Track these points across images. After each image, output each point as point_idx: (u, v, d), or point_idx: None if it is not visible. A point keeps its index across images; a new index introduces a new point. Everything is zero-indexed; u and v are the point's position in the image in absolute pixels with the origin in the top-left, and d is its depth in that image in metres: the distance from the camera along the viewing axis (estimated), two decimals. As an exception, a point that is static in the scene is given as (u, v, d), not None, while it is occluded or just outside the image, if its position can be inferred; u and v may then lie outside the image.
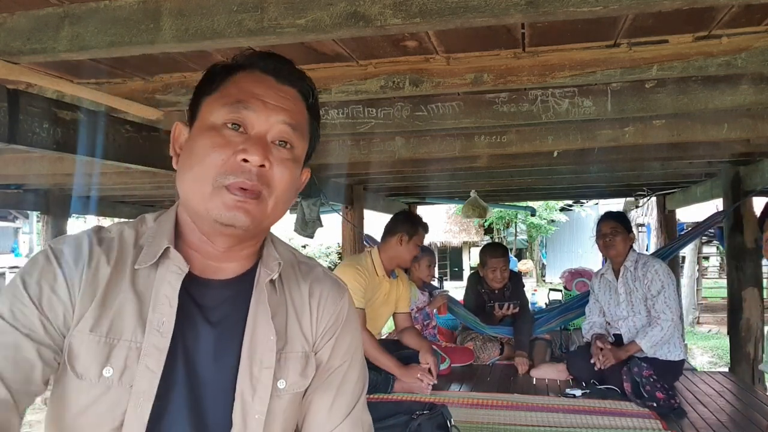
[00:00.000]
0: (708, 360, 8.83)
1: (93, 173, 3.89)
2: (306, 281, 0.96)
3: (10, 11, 1.52)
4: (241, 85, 0.86)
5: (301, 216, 4.35)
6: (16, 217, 17.44)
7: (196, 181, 0.82)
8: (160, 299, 0.83)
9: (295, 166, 0.88)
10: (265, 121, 0.84)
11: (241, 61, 0.89)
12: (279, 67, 0.89)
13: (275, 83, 0.87)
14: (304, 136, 0.90)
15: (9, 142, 1.79)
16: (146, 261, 0.85)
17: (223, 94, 0.86)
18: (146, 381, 0.79)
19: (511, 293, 4.31)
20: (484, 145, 3.05)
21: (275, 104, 0.85)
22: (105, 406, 0.79)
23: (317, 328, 0.95)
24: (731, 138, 2.75)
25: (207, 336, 0.86)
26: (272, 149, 0.84)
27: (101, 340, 0.80)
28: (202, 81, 0.90)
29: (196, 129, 0.86)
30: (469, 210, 5.97)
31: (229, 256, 0.89)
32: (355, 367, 0.98)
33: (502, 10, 1.25)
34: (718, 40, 1.75)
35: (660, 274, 3.27)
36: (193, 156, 0.84)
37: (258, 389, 0.85)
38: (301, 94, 0.90)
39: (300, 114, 0.89)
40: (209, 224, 0.83)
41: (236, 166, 0.81)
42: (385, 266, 3.39)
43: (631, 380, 3.09)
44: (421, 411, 2.38)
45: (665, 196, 6.42)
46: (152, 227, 0.90)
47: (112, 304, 0.82)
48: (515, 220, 18.15)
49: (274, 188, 0.84)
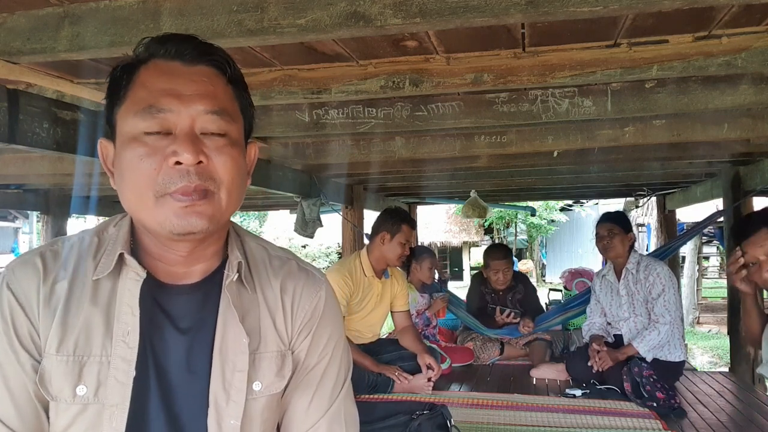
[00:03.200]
0: (708, 360, 8.83)
1: (93, 173, 3.88)
2: (278, 277, 0.91)
3: (10, 11, 1.52)
4: (147, 84, 0.78)
5: (301, 216, 4.36)
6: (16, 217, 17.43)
7: (136, 196, 0.77)
8: (123, 309, 0.80)
9: (235, 149, 0.81)
10: (186, 115, 0.77)
11: (139, 54, 0.81)
12: (181, 47, 0.80)
13: (183, 68, 0.80)
14: (234, 115, 0.82)
15: (9, 142, 1.79)
16: (104, 270, 0.81)
17: (133, 102, 0.78)
18: (117, 394, 0.78)
19: (523, 298, 4.31)
20: (484, 145, 3.05)
21: (191, 93, 0.78)
22: (85, 424, 0.78)
23: (292, 326, 0.91)
24: (731, 138, 2.76)
25: (177, 344, 0.83)
26: (204, 140, 0.78)
27: (69, 359, 0.78)
28: (109, 90, 0.82)
29: (118, 144, 0.80)
30: (469, 210, 5.97)
31: (192, 259, 0.85)
32: (335, 361, 0.94)
33: (502, 10, 1.25)
34: (718, 40, 1.75)
35: (661, 276, 3.27)
36: (124, 172, 0.78)
37: (232, 394, 0.83)
38: (217, 68, 0.82)
39: (222, 93, 0.81)
40: (166, 235, 0.78)
41: (172, 172, 0.75)
42: (373, 267, 3.38)
43: (631, 380, 3.09)
44: (421, 411, 2.38)
45: (665, 196, 6.43)
46: (113, 233, 0.85)
47: (75, 320, 0.79)
48: (515, 220, 18.13)
49: (221, 180, 0.78)
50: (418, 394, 3.17)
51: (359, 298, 3.32)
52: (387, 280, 3.48)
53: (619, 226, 3.43)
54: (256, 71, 2.02)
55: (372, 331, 3.53)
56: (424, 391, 3.18)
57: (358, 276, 3.32)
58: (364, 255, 3.41)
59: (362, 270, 3.35)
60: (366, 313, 3.39)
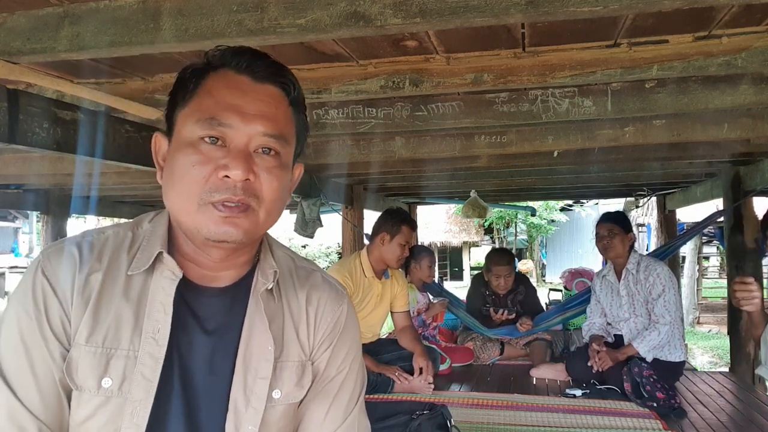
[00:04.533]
0: (708, 360, 8.83)
1: (93, 173, 3.89)
2: (303, 288, 0.93)
3: (10, 11, 1.52)
4: (214, 93, 0.80)
5: (301, 216, 4.36)
6: (16, 217, 17.45)
7: (181, 199, 0.79)
8: (155, 306, 0.81)
9: (283, 172, 0.83)
10: (245, 133, 0.79)
11: (212, 61, 0.83)
12: (254, 63, 0.82)
13: (251, 83, 0.82)
14: (289, 138, 0.85)
15: (9, 142, 1.79)
16: (139, 266, 0.82)
17: (196, 108, 0.80)
18: (142, 389, 0.78)
19: (524, 299, 4.31)
20: (484, 145, 3.05)
21: (254, 113, 0.80)
22: (106, 416, 0.78)
23: (315, 337, 0.92)
24: (731, 138, 2.75)
25: (202, 345, 0.84)
26: (256, 159, 0.80)
27: (97, 350, 0.78)
28: (174, 89, 0.84)
29: (174, 143, 0.82)
30: (469, 210, 5.97)
31: (224, 265, 0.87)
32: (352, 374, 0.95)
33: (502, 10, 1.25)
34: (718, 40, 1.75)
35: (662, 277, 3.27)
36: (174, 173, 0.80)
37: (252, 400, 0.83)
38: (282, 90, 0.84)
39: (282, 115, 0.83)
40: (201, 240, 0.81)
41: (219, 183, 0.77)
42: (373, 267, 3.38)
43: (631, 380, 3.09)
44: (421, 411, 2.38)
45: (665, 196, 6.43)
46: (147, 229, 0.87)
47: (107, 312, 0.80)
48: (515, 220, 18.13)
49: (263, 199, 0.80)
50: (418, 394, 3.17)
51: (359, 299, 3.32)
52: (387, 281, 3.48)
53: (619, 226, 3.43)
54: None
55: (372, 332, 3.54)
56: (424, 391, 3.18)
57: (358, 276, 3.32)
58: (364, 255, 3.41)
59: (362, 270, 3.35)
60: (366, 313, 3.38)
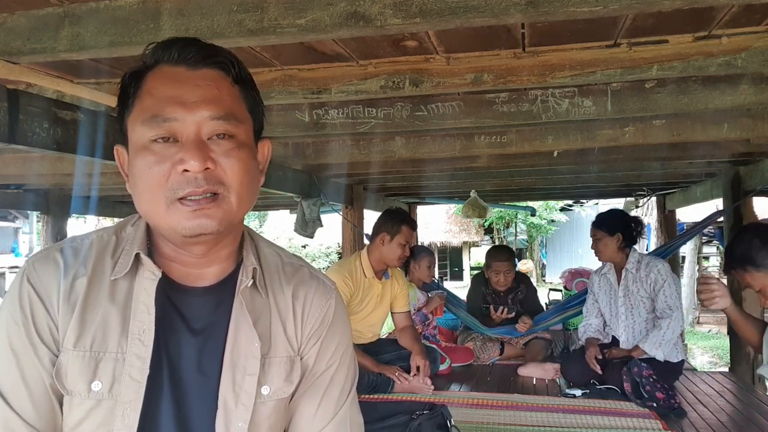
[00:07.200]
0: (708, 360, 8.83)
1: (93, 173, 3.88)
2: (290, 284, 0.93)
3: (10, 11, 1.52)
4: (153, 91, 0.79)
5: (301, 216, 4.36)
6: (16, 217, 17.44)
7: (149, 202, 0.79)
8: (139, 307, 0.82)
9: (243, 152, 0.82)
10: (192, 122, 0.78)
11: (146, 60, 0.83)
12: (185, 51, 0.81)
13: (187, 71, 0.80)
14: (241, 117, 0.83)
15: (9, 142, 1.79)
16: (121, 270, 0.83)
17: (140, 110, 0.80)
18: (131, 391, 0.79)
19: (524, 298, 4.31)
20: (484, 145, 3.05)
21: (195, 99, 0.78)
22: (98, 419, 0.79)
23: (302, 332, 0.92)
24: (731, 138, 2.76)
25: (190, 345, 0.84)
26: (211, 146, 0.79)
27: (86, 354, 0.79)
28: (119, 97, 0.84)
29: (131, 151, 0.82)
30: (469, 210, 5.97)
31: (208, 261, 0.87)
32: (342, 368, 0.95)
33: (502, 10, 1.25)
34: (718, 40, 1.75)
35: (662, 272, 3.27)
36: (137, 179, 0.80)
37: (241, 396, 0.84)
38: (222, 70, 0.82)
39: (227, 95, 0.82)
40: (180, 238, 0.81)
41: (180, 178, 0.77)
42: (374, 267, 3.37)
43: (631, 380, 3.09)
44: (421, 411, 2.38)
45: (665, 196, 6.43)
46: (130, 233, 0.87)
47: (93, 316, 0.80)
48: (515, 220, 18.13)
49: (230, 184, 0.79)
50: (418, 394, 3.17)
51: (359, 299, 3.32)
52: (387, 281, 3.48)
53: (602, 230, 3.38)
54: (256, 71, 2.02)
55: (372, 332, 3.54)
56: (424, 391, 3.18)
57: (358, 276, 3.32)
58: (364, 255, 3.41)
59: (362, 270, 3.35)
60: (366, 313, 3.39)
